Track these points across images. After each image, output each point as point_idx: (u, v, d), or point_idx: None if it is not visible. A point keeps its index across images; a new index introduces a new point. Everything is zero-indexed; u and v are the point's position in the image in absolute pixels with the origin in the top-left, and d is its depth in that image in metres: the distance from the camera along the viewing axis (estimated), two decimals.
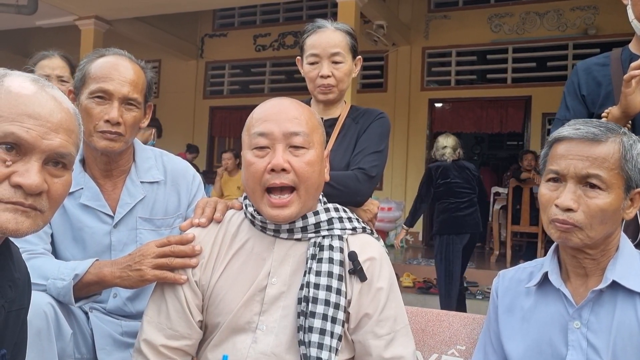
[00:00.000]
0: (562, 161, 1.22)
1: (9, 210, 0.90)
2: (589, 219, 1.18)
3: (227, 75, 10.57)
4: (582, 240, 1.20)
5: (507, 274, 1.42)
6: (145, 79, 1.66)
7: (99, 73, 1.57)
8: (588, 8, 8.14)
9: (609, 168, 1.19)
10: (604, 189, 1.19)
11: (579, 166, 1.19)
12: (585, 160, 1.19)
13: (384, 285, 1.34)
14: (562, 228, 1.20)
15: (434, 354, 1.63)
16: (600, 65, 1.88)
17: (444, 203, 4.93)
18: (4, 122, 0.90)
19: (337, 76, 1.87)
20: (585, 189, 1.20)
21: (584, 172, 1.19)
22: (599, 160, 1.19)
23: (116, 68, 1.58)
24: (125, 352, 1.56)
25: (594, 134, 1.21)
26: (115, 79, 1.56)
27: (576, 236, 1.20)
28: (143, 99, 1.64)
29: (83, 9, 7.68)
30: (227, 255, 1.36)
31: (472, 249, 5.05)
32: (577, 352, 1.21)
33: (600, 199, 1.18)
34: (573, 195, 1.19)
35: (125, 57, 1.63)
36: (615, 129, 1.24)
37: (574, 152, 1.21)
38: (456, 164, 4.97)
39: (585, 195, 1.19)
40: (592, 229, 1.19)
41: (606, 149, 1.20)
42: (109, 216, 1.63)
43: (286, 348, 1.29)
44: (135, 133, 1.65)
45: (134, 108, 1.60)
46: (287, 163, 1.27)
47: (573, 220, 1.18)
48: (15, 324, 1.03)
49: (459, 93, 8.95)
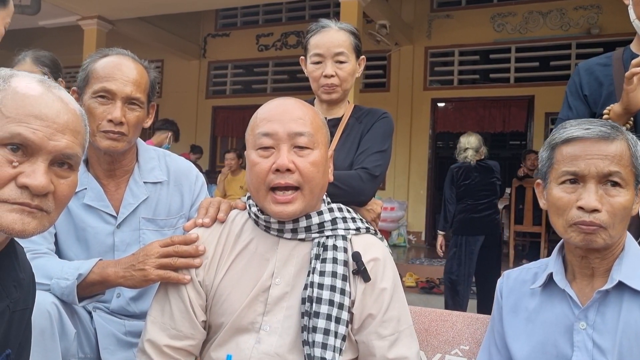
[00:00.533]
0: (580, 162, 1.20)
1: (15, 211, 0.90)
2: (613, 218, 1.17)
3: (229, 75, 10.57)
4: (605, 241, 1.18)
5: (512, 274, 1.42)
6: (149, 78, 1.66)
7: (102, 73, 1.57)
8: (591, 7, 8.12)
9: (625, 165, 1.19)
10: (623, 187, 1.19)
11: (600, 165, 1.18)
12: (604, 159, 1.18)
13: (388, 285, 1.34)
14: (589, 230, 1.18)
15: (437, 353, 1.63)
16: (602, 65, 1.88)
17: (463, 204, 4.93)
18: (10, 123, 0.90)
19: (341, 76, 1.87)
20: (606, 187, 1.19)
21: (606, 170, 1.18)
22: (617, 158, 1.18)
23: (119, 68, 1.58)
24: (128, 352, 1.56)
25: (606, 132, 1.20)
26: (118, 79, 1.56)
27: (600, 237, 1.18)
28: (146, 98, 1.64)
29: (86, 9, 7.70)
30: (230, 255, 1.36)
31: (493, 251, 4.96)
32: (582, 353, 1.21)
33: (622, 197, 1.18)
34: (597, 196, 1.18)
35: (129, 57, 1.63)
36: (618, 127, 1.23)
37: (592, 151, 1.19)
38: (479, 164, 4.92)
39: (607, 195, 1.18)
40: (614, 227, 1.18)
41: (620, 147, 1.19)
42: (112, 216, 1.63)
43: (289, 348, 1.29)
44: (138, 133, 1.65)
45: (137, 108, 1.61)
46: (291, 163, 1.27)
47: (599, 221, 1.17)
48: (20, 324, 1.04)
49: (461, 93, 8.94)
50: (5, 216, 0.89)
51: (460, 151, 4.97)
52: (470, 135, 5.04)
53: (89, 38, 7.88)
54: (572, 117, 1.73)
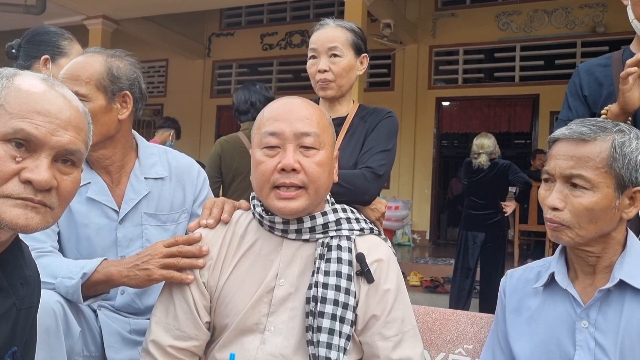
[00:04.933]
0: (552, 161, 1.25)
1: (18, 206, 0.90)
2: (576, 217, 1.20)
3: (234, 74, 10.57)
4: (572, 239, 1.22)
5: (515, 273, 1.42)
6: (102, 69, 1.58)
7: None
8: (597, 6, 8.08)
9: (595, 167, 1.19)
10: (588, 188, 1.19)
11: (563, 166, 1.22)
12: (569, 160, 1.21)
13: (392, 286, 1.34)
14: (552, 227, 1.24)
15: (441, 352, 1.63)
16: (602, 66, 1.89)
17: (467, 199, 5.13)
18: (14, 119, 0.91)
19: (335, 71, 1.85)
20: (571, 188, 1.21)
21: (567, 172, 1.21)
22: (582, 160, 1.20)
23: (72, 65, 1.59)
24: (133, 350, 1.57)
25: (581, 133, 1.22)
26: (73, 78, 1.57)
27: (566, 235, 1.22)
28: (96, 90, 1.57)
29: (91, 9, 7.72)
30: (235, 256, 1.36)
31: (497, 250, 5.01)
32: (584, 352, 1.21)
33: (584, 198, 1.19)
34: (559, 195, 1.22)
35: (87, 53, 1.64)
36: (608, 128, 1.23)
37: (562, 152, 1.23)
38: (492, 162, 4.97)
39: (571, 195, 1.21)
40: (581, 227, 1.20)
41: (592, 149, 1.20)
42: (114, 211, 1.64)
43: (294, 349, 1.29)
44: (100, 127, 1.56)
45: (85, 100, 1.51)
46: (297, 163, 1.27)
47: (559, 219, 1.21)
48: (26, 322, 1.04)
49: (466, 92, 8.92)
50: (8, 211, 0.90)
51: (473, 154, 5.04)
52: (484, 137, 5.04)
53: (94, 38, 7.90)
54: (572, 118, 1.74)
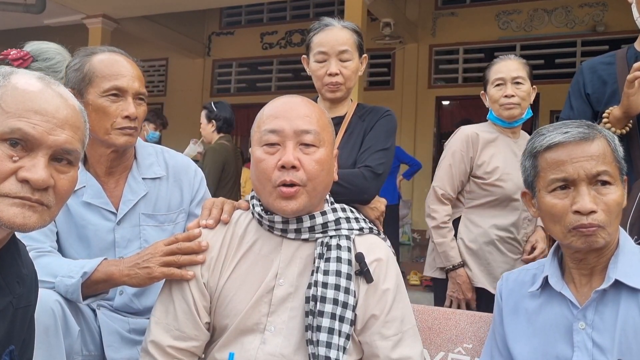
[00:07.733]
0: (568, 166, 1.20)
1: (16, 205, 0.90)
2: (609, 215, 1.18)
3: (234, 73, 10.57)
4: (605, 239, 1.19)
5: (511, 276, 1.42)
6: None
7: (106, 71, 1.58)
8: (597, 5, 8.08)
9: (610, 162, 1.20)
10: (612, 183, 1.20)
11: (588, 166, 1.19)
12: (590, 160, 1.19)
13: (391, 286, 1.34)
14: (589, 232, 1.18)
15: (440, 352, 1.63)
16: (605, 64, 1.88)
17: None
18: (10, 118, 0.91)
19: (345, 74, 1.87)
20: (597, 187, 1.19)
21: (594, 171, 1.18)
22: (601, 157, 1.19)
23: (122, 65, 1.60)
24: (132, 349, 1.56)
25: (585, 133, 1.21)
26: (126, 75, 1.59)
27: (600, 236, 1.19)
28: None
29: (91, 8, 7.72)
30: (235, 256, 1.36)
31: None
32: (582, 353, 1.21)
33: (613, 194, 1.19)
34: (590, 197, 1.18)
35: (120, 54, 1.65)
36: (595, 126, 1.25)
37: (577, 154, 1.20)
38: None
39: (599, 194, 1.19)
40: (611, 225, 1.19)
41: (601, 145, 1.21)
42: (112, 213, 1.64)
43: (294, 349, 1.29)
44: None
45: (143, 102, 1.64)
46: (297, 160, 1.27)
47: (598, 222, 1.18)
48: (24, 321, 1.04)
49: (466, 91, 8.90)
50: (6, 210, 0.90)
51: None
52: None
53: (94, 37, 7.90)
54: (573, 117, 1.74)
